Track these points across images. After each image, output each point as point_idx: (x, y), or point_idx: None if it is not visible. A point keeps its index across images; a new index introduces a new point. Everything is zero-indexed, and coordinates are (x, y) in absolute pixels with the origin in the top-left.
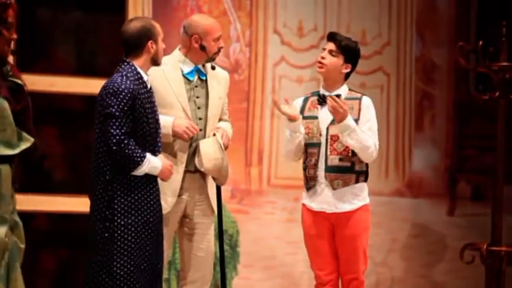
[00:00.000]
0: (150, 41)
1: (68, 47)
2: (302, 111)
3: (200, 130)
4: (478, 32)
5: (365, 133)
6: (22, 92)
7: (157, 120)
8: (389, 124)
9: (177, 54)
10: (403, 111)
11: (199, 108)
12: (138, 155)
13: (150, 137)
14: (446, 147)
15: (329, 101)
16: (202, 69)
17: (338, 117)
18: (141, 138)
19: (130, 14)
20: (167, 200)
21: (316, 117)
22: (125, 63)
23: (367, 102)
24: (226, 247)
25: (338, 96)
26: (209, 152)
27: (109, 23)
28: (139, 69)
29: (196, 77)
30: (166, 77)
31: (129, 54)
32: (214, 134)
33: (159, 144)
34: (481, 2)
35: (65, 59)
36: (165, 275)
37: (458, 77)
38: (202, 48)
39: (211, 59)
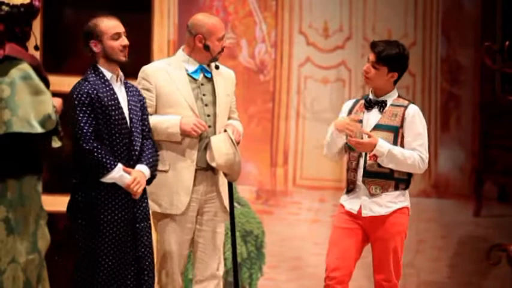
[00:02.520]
0: (92, 41)
1: None
2: (349, 112)
3: (209, 127)
4: (504, 32)
5: (404, 152)
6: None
7: (124, 118)
8: None
9: (181, 54)
10: (428, 111)
11: (206, 105)
12: (108, 161)
13: (117, 135)
14: (473, 148)
15: (352, 143)
16: (207, 68)
17: (368, 149)
18: (108, 136)
19: (156, 14)
20: (181, 200)
21: (360, 121)
22: (91, 67)
23: (412, 111)
24: (251, 248)
25: (384, 103)
26: (220, 147)
27: (135, 23)
28: (102, 69)
29: (201, 75)
30: (171, 77)
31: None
32: (225, 130)
33: (137, 142)
34: (506, 2)
35: (91, 60)
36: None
37: (484, 77)
38: (206, 48)
39: (215, 59)
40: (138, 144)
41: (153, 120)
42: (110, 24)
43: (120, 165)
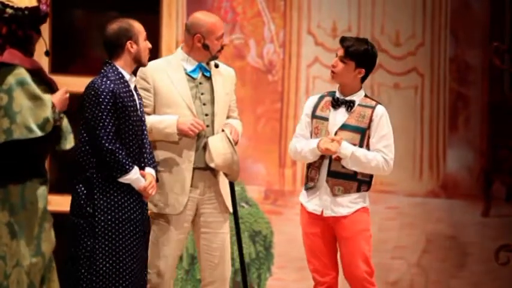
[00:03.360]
0: (129, 41)
1: (103, 48)
2: (315, 109)
3: (207, 126)
4: None
5: (367, 154)
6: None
7: (141, 120)
8: (424, 125)
9: (180, 53)
10: (437, 112)
11: (204, 104)
12: (127, 163)
13: (133, 136)
14: (481, 148)
15: (321, 150)
16: (206, 66)
17: (332, 153)
18: (124, 137)
19: (165, 15)
20: (178, 200)
21: (326, 119)
22: (107, 65)
23: (380, 112)
24: (260, 248)
25: (352, 103)
26: (218, 147)
27: (143, 24)
28: (120, 70)
29: (200, 74)
30: (169, 76)
31: (111, 55)
32: (222, 130)
33: (147, 144)
34: None
35: (100, 61)
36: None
37: (492, 77)
38: (205, 47)
39: (214, 57)
40: (148, 146)
41: (150, 120)
42: (141, 26)
43: (136, 168)
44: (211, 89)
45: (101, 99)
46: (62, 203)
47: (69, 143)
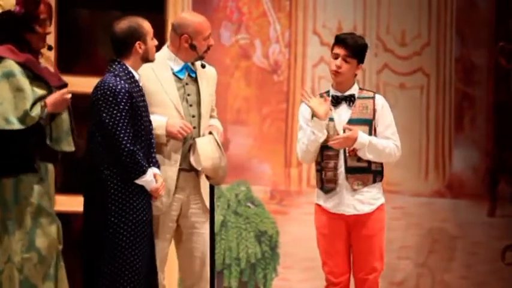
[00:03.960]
0: (138, 42)
1: (108, 47)
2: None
3: (194, 128)
4: None
5: (382, 141)
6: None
7: (149, 120)
8: (429, 125)
9: (166, 52)
10: (443, 112)
11: (191, 105)
12: (144, 164)
13: (144, 137)
14: (487, 148)
15: (337, 144)
16: (192, 67)
17: (350, 144)
18: (137, 137)
19: (170, 15)
20: (162, 201)
21: (331, 119)
22: (116, 63)
23: (381, 101)
24: (266, 248)
25: (352, 97)
26: (207, 150)
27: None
28: (130, 69)
29: (186, 75)
30: (156, 76)
31: (119, 54)
32: (210, 133)
33: (153, 143)
34: None
35: (105, 60)
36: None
37: (498, 77)
38: (193, 47)
39: (201, 58)
40: (154, 146)
41: None
42: (149, 25)
43: (151, 169)
44: (198, 90)
45: (118, 100)
46: (69, 203)
47: (68, 144)
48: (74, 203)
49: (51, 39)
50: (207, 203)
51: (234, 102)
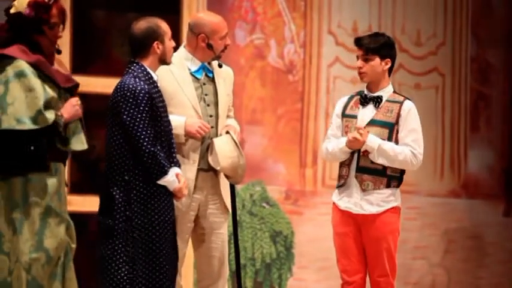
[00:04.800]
0: (156, 42)
1: (123, 48)
2: (345, 109)
3: (212, 127)
4: None
5: (395, 148)
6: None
7: (168, 120)
8: (445, 125)
9: (183, 52)
10: (458, 111)
11: (208, 105)
12: (166, 164)
13: (164, 137)
14: (502, 148)
15: (347, 144)
16: (209, 67)
17: (358, 146)
18: (158, 137)
19: (185, 15)
20: (181, 200)
21: (355, 117)
22: (134, 64)
23: (408, 106)
24: (281, 248)
25: (379, 98)
26: (225, 150)
27: None
28: (148, 69)
29: (203, 75)
30: (174, 76)
31: (137, 55)
32: (227, 132)
33: (173, 144)
34: None
35: (121, 61)
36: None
37: None
38: (209, 47)
39: (218, 57)
40: (174, 146)
41: None
42: (167, 26)
43: (172, 169)
44: (215, 90)
45: (139, 100)
46: (81, 203)
47: (80, 143)
48: (87, 204)
49: (66, 40)
50: (227, 203)
51: (249, 102)
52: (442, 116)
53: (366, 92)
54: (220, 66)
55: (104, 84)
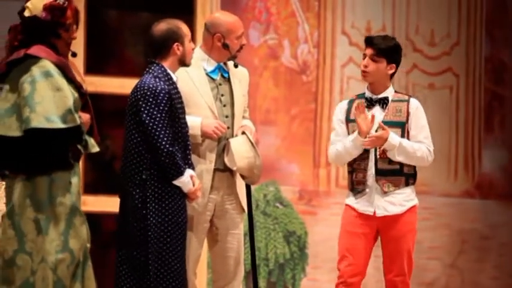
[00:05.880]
0: (176, 44)
1: (137, 48)
2: (348, 114)
3: (228, 128)
4: None
5: (413, 144)
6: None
7: (186, 122)
8: (459, 125)
9: (199, 52)
10: (472, 112)
11: (224, 106)
12: (182, 165)
13: (181, 138)
14: None
15: (368, 143)
16: (225, 67)
17: (380, 143)
18: (175, 138)
19: (199, 16)
20: (197, 201)
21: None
22: (154, 65)
23: (415, 104)
24: (294, 248)
25: (386, 100)
26: (241, 150)
27: None
28: (168, 70)
29: (219, 75)
30: (190, 77)
31: (156, 56)
32: (243, 133)
33: (189, 145)
34: None
35: (134, 61)
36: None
37: None
38: (225, 46)
39: (234, 57)
40: (190, 148)
41: None
42: (187, 28)
43: (188, 170)
44: (231, 90)
45: (159, 100)
46: (95, 203)
47: (95, 146)
48: (101, 204)
49: (80, 41)
50: (244, 203)
51: (262, 102)
52: (456, 116)
53: (369, 95)
54: (236, 66)
55: (117, 85)
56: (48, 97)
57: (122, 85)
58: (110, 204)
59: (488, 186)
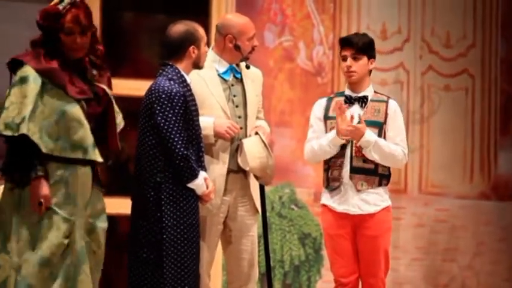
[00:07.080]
0: (192, 46)
1: (152, 50)
2: (327, 111)
3: (241, 128)
4: None
5: (389, 145)
6: (103, 96)
7: (199, 124)
8: (474, 127)
9: (211, 54)
10: (488, 113)
11: (237, 106)
12: (196, 168)
13: (195, 141)
14: None
15: (346, 132)
16: (237, 68)
17: (356, 138)
18: (189, 141)
19: (214, 17)
20: (211, 202)
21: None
22: (168, 66)
23: (393, 106)
24: (309, 250)
25: (365, 98)
26: (253, 150)
27: None
28: (182, 72)
29: (231, 76)
30: (202, 78)
31: (171, 57)
32: (256, 133)
33: (202, 148)
34: None
35: (151, 63)
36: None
37: None
38: (237, 48)
39: (246, 58)
40: (203, 151)
41: None
42: (203, 31)
43: (202, 173)
44: (243, 91)
45: (174, 103)
46: (109, 205)
47: (94, 154)
48: (115, 206)
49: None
50: (257, 204)
51: (277, 104)
52: (471, 118)
53: (349, 93)
54: (247, 67)
55: (132, 87)
56: (15, 104)
57: (137, 87)
58: (124, 206)
59: (504, 188)
